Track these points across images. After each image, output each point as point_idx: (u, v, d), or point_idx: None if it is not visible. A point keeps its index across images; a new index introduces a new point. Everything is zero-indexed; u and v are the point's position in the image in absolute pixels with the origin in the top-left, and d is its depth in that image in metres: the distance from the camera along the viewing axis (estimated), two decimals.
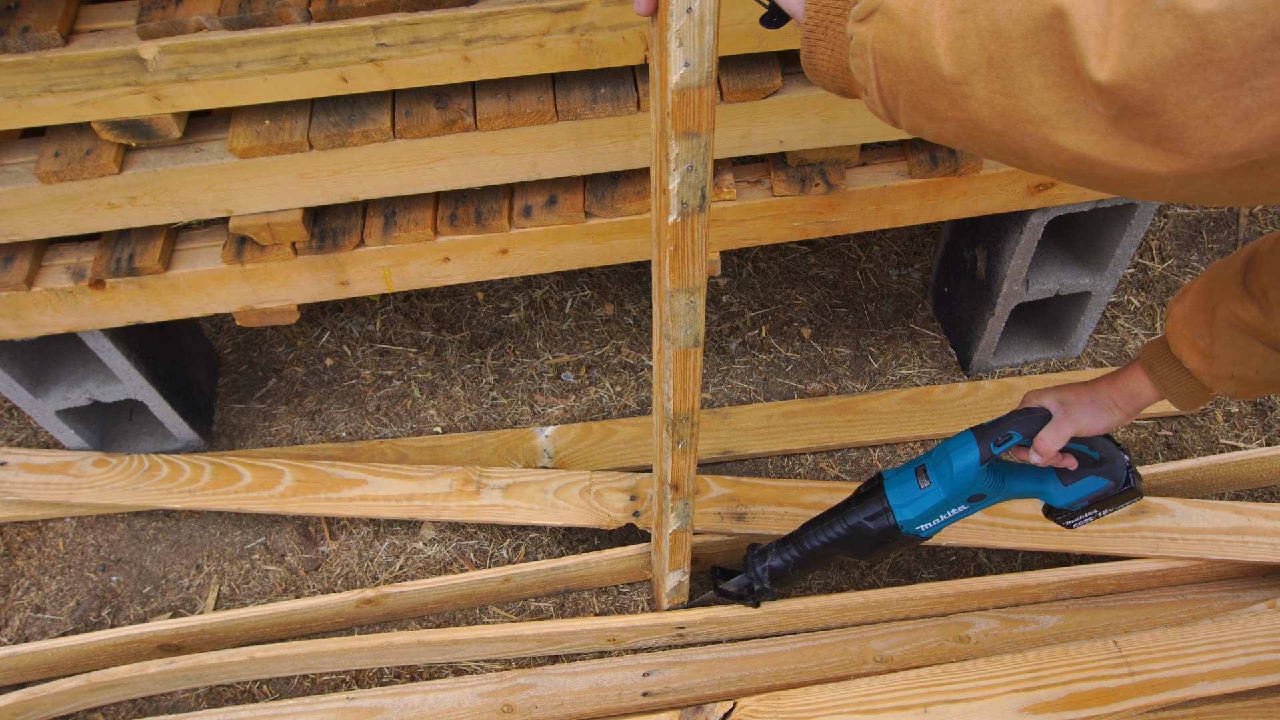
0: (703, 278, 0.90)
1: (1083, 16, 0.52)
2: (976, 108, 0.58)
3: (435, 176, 1.30)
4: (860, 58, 0.64)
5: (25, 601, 1.64)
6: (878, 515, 1.14)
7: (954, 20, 0.57)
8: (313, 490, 1.61)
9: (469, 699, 1.42)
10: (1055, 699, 1.22)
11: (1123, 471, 1.06)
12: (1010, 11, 0.55)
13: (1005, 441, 1.05)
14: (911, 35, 0.59)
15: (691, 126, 0.77)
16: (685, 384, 1.02)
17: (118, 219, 1.30)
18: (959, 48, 0.57)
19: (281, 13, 1.11)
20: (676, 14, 0.70)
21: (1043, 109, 0.55)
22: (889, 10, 0.61)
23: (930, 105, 0.61)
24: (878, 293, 2.00)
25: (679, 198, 0.81)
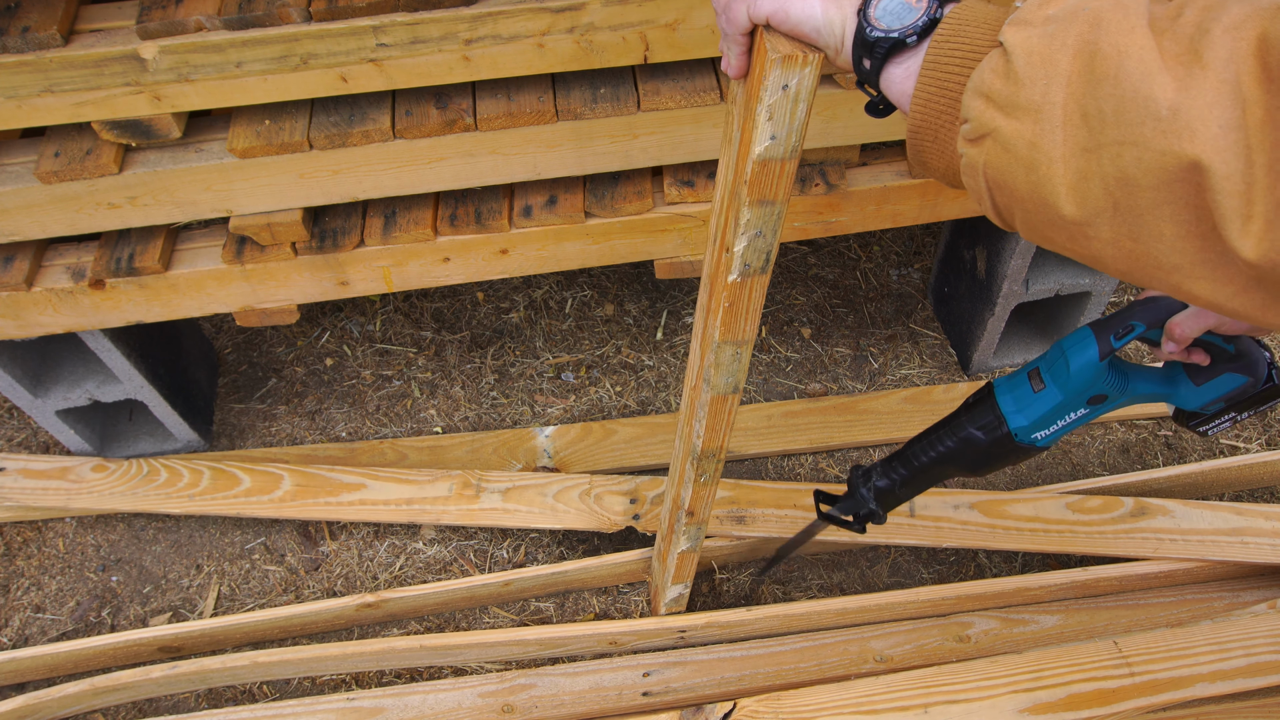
0: (753, 331, 0.89)
1: (1224, 174, 0.47)
2: (1099, 248, 0.55)
3: (435, 176, 1.30)
4: (972, 178, 0.60)
5: (25, 601, 1.64)
6: (989, 424, 1.04)
7: (1077, 159, 0.53)
8: (312, 494, 1.61)
9: (469, 699, 1.42)
10: (1056, 699, 1.22)
11: (1264, 368, 0.97)
12: (1139, 160, 0.50)
13: (1127, 333, 0.96)
14: (1029, 169, 0.55)
15: (768, 195, 0.75)
16: (718, 425, 1.02)
17: (118, 219, 1.30)
18: (1082, 189, 0.53)
19: (281, 13, 1.11)
20: (771, 89, 0.67)
21: (1175, 258, 0.51)
22: (1004, 139, 0.56)
23: (1048, 235, 0.58)
24: (878, 293, 2.00)
25: (743, 259, 0.80)
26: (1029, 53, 0.55)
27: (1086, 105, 0.52)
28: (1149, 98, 0.49)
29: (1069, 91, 0.53)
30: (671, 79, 1.28)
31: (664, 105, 1.26)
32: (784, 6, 0.67)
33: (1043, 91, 0.54)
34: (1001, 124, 0.56)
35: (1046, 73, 0.54)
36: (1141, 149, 0.50)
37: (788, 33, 0.68)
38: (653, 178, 1.43)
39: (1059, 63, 0.53)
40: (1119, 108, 0.50)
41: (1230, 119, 0.47)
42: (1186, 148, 0.48)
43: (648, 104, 1.26)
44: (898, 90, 0.65)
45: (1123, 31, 0.52)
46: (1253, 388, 0.97)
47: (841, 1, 0.66)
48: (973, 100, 0.58)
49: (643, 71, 1.29)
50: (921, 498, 1.55)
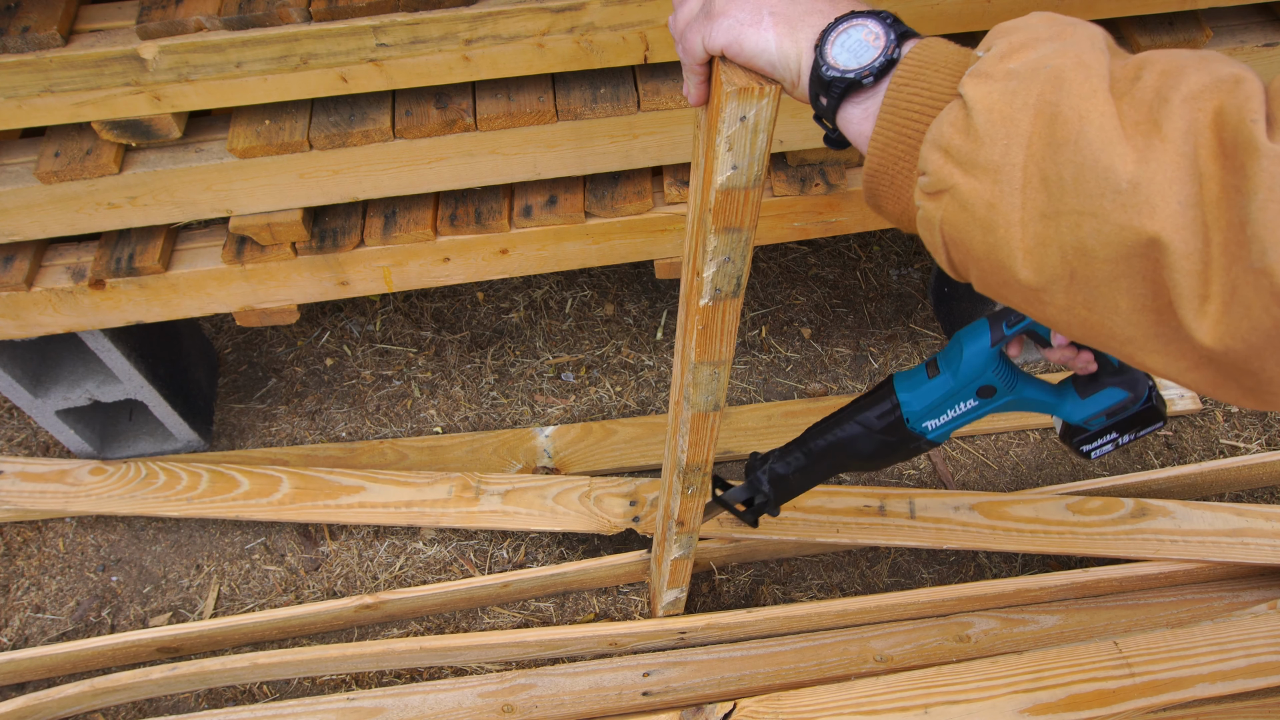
0: (729, 351, 0.88)
1: (1182, 253, 0.47)
2: (1054, 314, 0.54)
3: (435, 176, 1.30)
4: (928, 232, 0.58)
5: (25, 601, 1.64)
6: (885, 410, 1.08)
7: (1036, 224, 0.52)
8: (311, 497, 1.61)
9: (469, 699, 1.42)
10: (1056, 700, 1.22)
11: (1144, 387, 1.02)
12: (1098, 232, 0.49)
13: (1019, 322, 1.00)
14: (987, 230, 0.53)
15: (733, 223, 0.73)
16: (701, 441, 1.02)
17: (118, 219, 1.30)
18: (1039, 255, 0.52)
19: (281, 13, 1.11)
20: (729, 120, 0.66)
21: (1129, 330, 0.51)
22: (962, 197, 0.54)
23: (1003, 295, 0.57)
24: (878, 293, 2.00)
25: (713, 284, 0.79)
26: (989, 109, 0.53)
27: (1046, 170, 0.51)
28: (1109, 169, 0.49)
29: (1029, 154, 0.51)
30: (672, 79, 1.28)
31: (664, 105, 1.26)
32: (738, 38, 0.64)
33: (1003, 151, 0.52)
34: (960, 181, 0.54)
35: (1007, 132, 0.52)
36: (1100, 221, 0.49)
37: (743, 64, 0.66)
38: (653, 178, 1.43)
39: (1019, 122, 0.52)
40: (1078, 176, 0.49)
41: (1188, 195, 0.47)
42: (1146, 224, 0.47)
43: (648, 104, 1.26)
44: (855, 130, 0.63)
45: (1084, 95, 0.51)
46: (1132, 403, 1.02)
47: (797, 35, 0.63)
48: (931, 153, 0.56)
49: (643, 71, 1.29)
50: (922, 499, 1.55)
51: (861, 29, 0.61)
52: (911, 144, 0.59)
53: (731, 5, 0.65)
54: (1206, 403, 1.81)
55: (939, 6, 1.19)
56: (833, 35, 0.61)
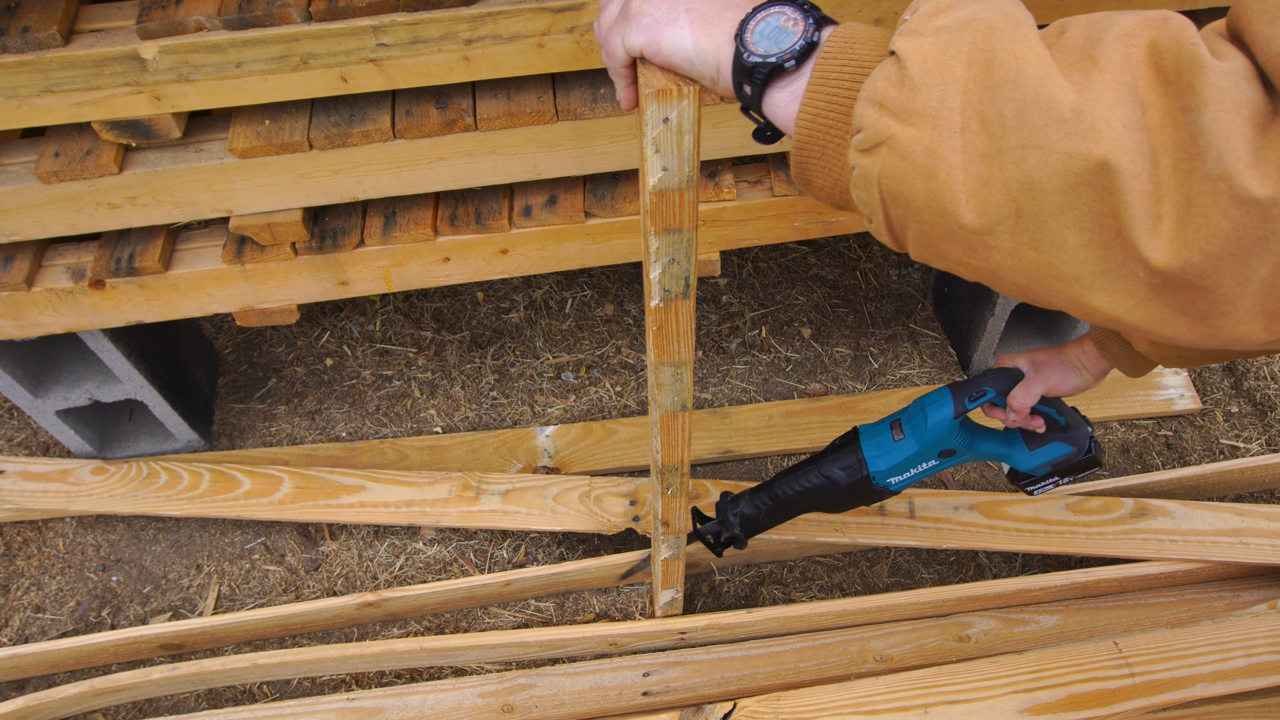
0: (688, 353, 0.88)
1: (1131, 174, 0.46)
2: (999, 259, 0.53)
3: (435, 176, 1.30)
4: (864, 190, 0.57)
5: (25, 601, 1.64)
6: (851, 466, 1.14)
7: (977, 165, 0.51)
8: (311, 497, 1.61)
9: (469, 699, 1.42)
10: (1056, 700, 1.22)
11: (1086, 440, 1.10)
12: (1044, 162, 0.49)
13: (980, 397, 1.07)
14: (927, 176, 0.53)
15: (672, 224, 0.72)
16: (673, 442, 1.02)
17: (118, 219, 1.30)
18: (983, 195, 0.51)
19: (281, 13, 1.11)
20: (652, 123, 0.65)
21: (1075, 267, 0.50)
22: (900, 146, 0.53)
23: (942, 248, 0.56)
24: (878, 293, 2.00)
25: (661, 285, 0.79)
26: (923, 59, 0.53)
27: (986, 110, 0.51)
28: (1051, 99, 0.49)
29: (966, 98, 0.51)
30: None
31: None
32: (655, 39, 0.64)
33: (939, 97, 0.52)
34: (897, 130, 0.53)
35: (943, 79, 0.52)
36: (1046, 151, 0.48)
37: (661, 65, 0.65)
38: None
39: (954, 69, 0.52)
40: (1020, 111, 0.49)
41: (1132, 119, 0.47)
42: (1093, 148, 0.47)
43: None
44: (783, 113, 0.63)
45: (1016, 39, 0.51)
46: (1075, 457, 1.11)
47: (714, 31, 0.63)
48: (866, 109, 0.55)
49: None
50: (922, 499, 1.55)
51: (779, 15, 0.62)
52: (842, 110, 0.58)
53: (648, 4, 0.65)
54: (1206, 403, 1.81)
55: None
56: (751, 24, 0.62)
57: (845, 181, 0.60)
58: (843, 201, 0.62)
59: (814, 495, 1.19)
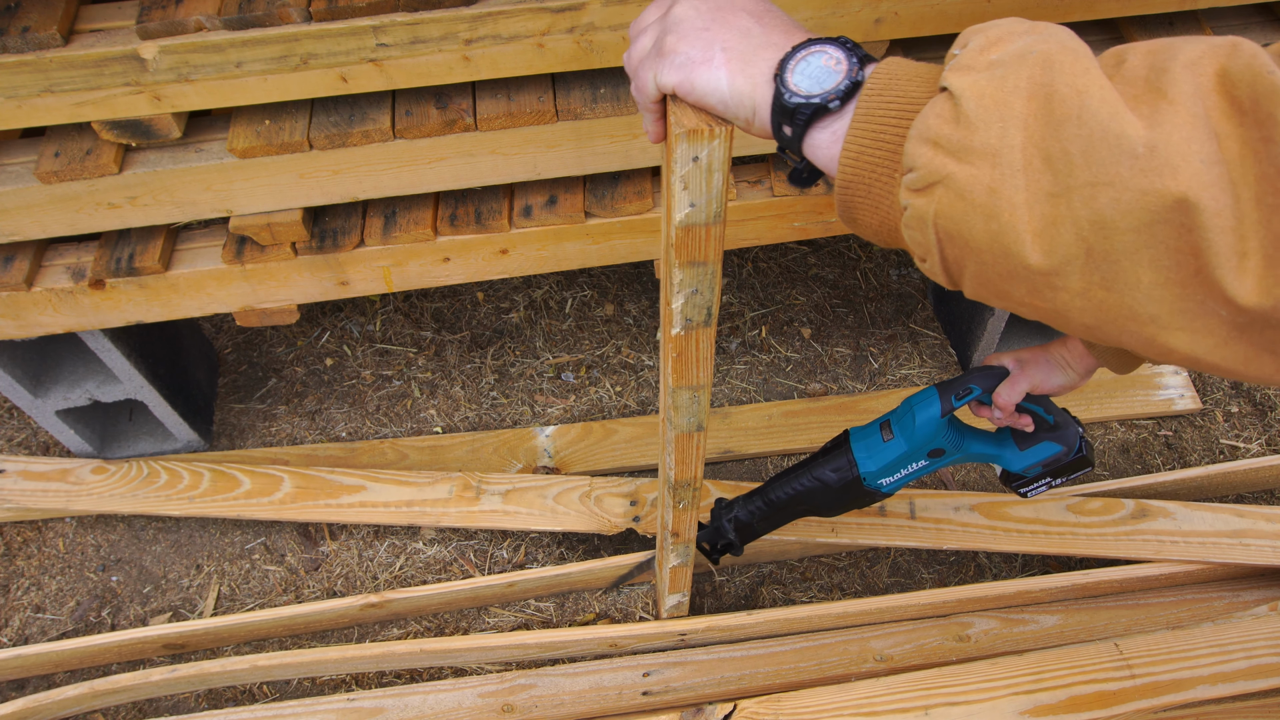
0: (707, 376, 0.88)
1: (1213, 211, 0.44)
2: (1067, 299, 0.51)
3: (435, 176, 1.30)
4: (918, 230, 0.55)
5: (25, 601, 1.64)
6: (842, 468, 1.14)
7: (1043, 205, 0.49)
8: (312, 496, 1.61)
9: (469, 699, 1.42)
10: (1056, 701, 1.22)
11: (1075, 439, 1.11)
12: (1117, 200, 0.47)
13: (966, 395, 1.07)
14: (989, 217, 0.50)
15: (697, 258, 0.72)
16: (687, 460, 1.02)
17: (118, 219, 1.30)
18: (1050, 235, 0.49)
19: (281, 13, 1.11)
20: (682, 161, 0.63)
21: (1152, 307, 0.48)
22: (958, 186, 0.51)
23: (1003, 289, 0.54)
24: (878, 293, 2.00)
25: (683, 315, 0.78)
26: (979, 95, 0.51)
27: (1050, 148, 0.49)
28: (1120, 135, 0.47)
29: (1028, 135, 0.49)
30: None
31: None
32: (689, 77, 0.62)
33: (999, 135, 0.50)
34: (954, 170, 0.51)
35: (1001, 115, 0.50)
36: (1119, 189, 0.47)
37: (694, 104, 0.64)
38: (653, 178, 1.43)
39: (1013, 105, 0.50)
40: (1087, 148, 0.48)
41: (1210, 153, 0.45)
42: (1170, 185, 0.45)
43: None
44: (825, 154, 0.61)
45: (1077, 73, 0.50)
46: (1066, 456, 1.11)
47: (751, 71, 0.61)
48: (918, 148, 0.53)
49: None
50: (922, 499, 1.55)
51: (822, 55, 0.60)
52: (890, 149, 0.57)
53: (683, 42, 0.63)
54: (1206, 403, 1.80)
55: (939, 6, 1.19)
56: (792, 63, 0.60)
57: (895, 220, 0.58)
58: (892, 240, 0.60)
59: (807, 498, 1.19)
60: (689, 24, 0.63)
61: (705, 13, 0.64)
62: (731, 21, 0.63)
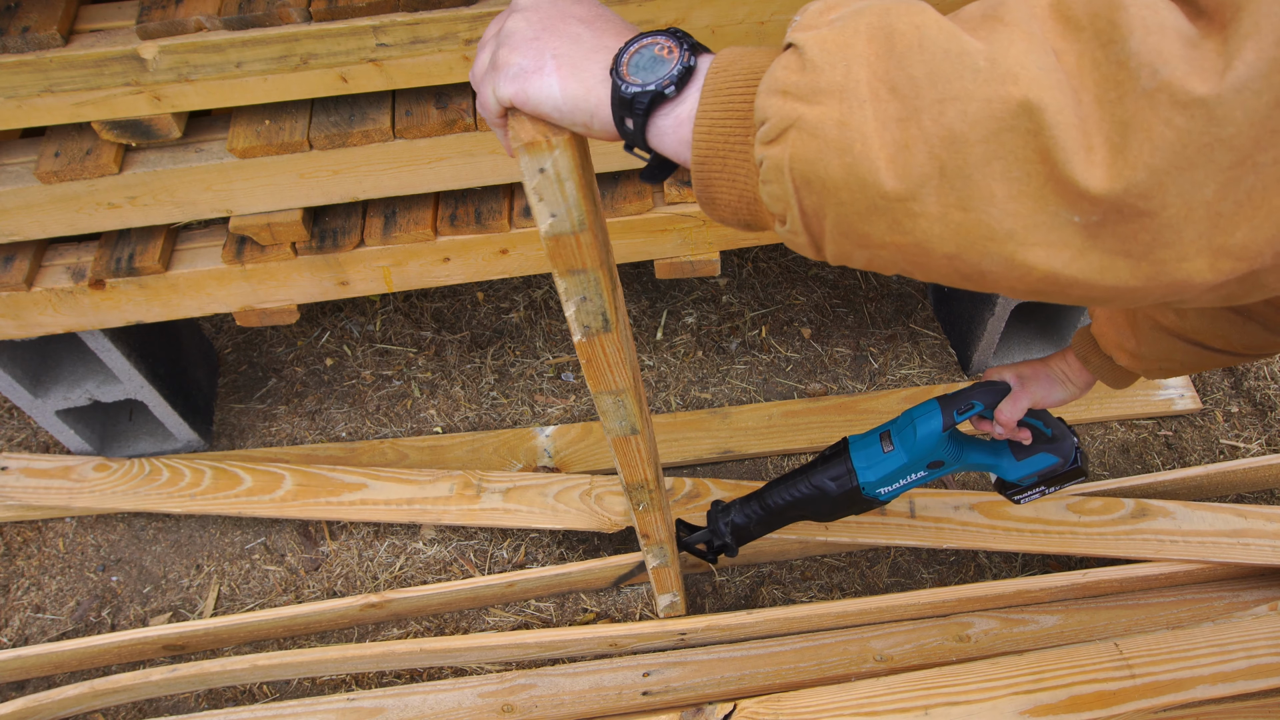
0: (626, 380, 0.86)
1: (1056, 109, 0.46)
2: (926, 226, 0.51)
3: (435, 176, 1.30)
4: (775, 183, 0.55)
5: (25, 601, 1.64)
6: (841, 476, 1.15)
7: (893, 129, 0.50)
8: (313, 494, 1.61)
9: (469, 699, 1.42)
10: (1056, 701, 1.22)
11: (1072, 451, 1.12)
12: (964, 113, 0.48)
13: (968, 410, 1.07)
14: (842, 150, 0.51)
15: (574, 265, 0.70)
16: (631, 463, 1.00)
17: (118, 219, 1.30)
18: (903, 159, 0.50)
19: (281, 13, 1.11)
20: (529, 173, 0.62)
21: (1007, 222, 0.49)
22: (809, 126, 0.52)
23: (864, 231, 0.53)
24: (878, 293, 2.00)
25: (579, 322, 0.77)
26: (822, 41, 0.52)
27: (894, 76, 0.50)
28: (962, 53, 0.48)
29: (871, 69, 0.50)
30: None
31: None
32: (523, 88, 0.62)
33: (844, 73, 0.51)
34: (804, 111, 0.52)
35: (845, 57, 0.51)
36: (965, 101, 0.48)
37: (530, 114, 0.63)
38: None
39: (855, 46, 0.51)
40: (931, 70, 0.49)
41: (1047, 63, 0.47)
42: (1012, 90, 0.47)
43: None
44: (672, 139, 0.61)
45: (913, 13, 0.51)
46: (1062, 467, 1.12)
47: (583, 75, 0.62)
48: (768, 100, 0.54)
49: None
50: (922, 499, 1.55)
51: (653, 46, 0.61)
52: (740, 115, 0.57)
53: (515, 53, 0.63)
54: (1206, 403, 1.80)
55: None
56: (625, 57, 0.61)
57: (753, 187, 0.58)
58: (750, 214, 0.60)
59: (804, 505, 1.20)
60: (520, 35, 0.64)
61: (536, 23, 0.64)
62: (562, 29, 0.64)
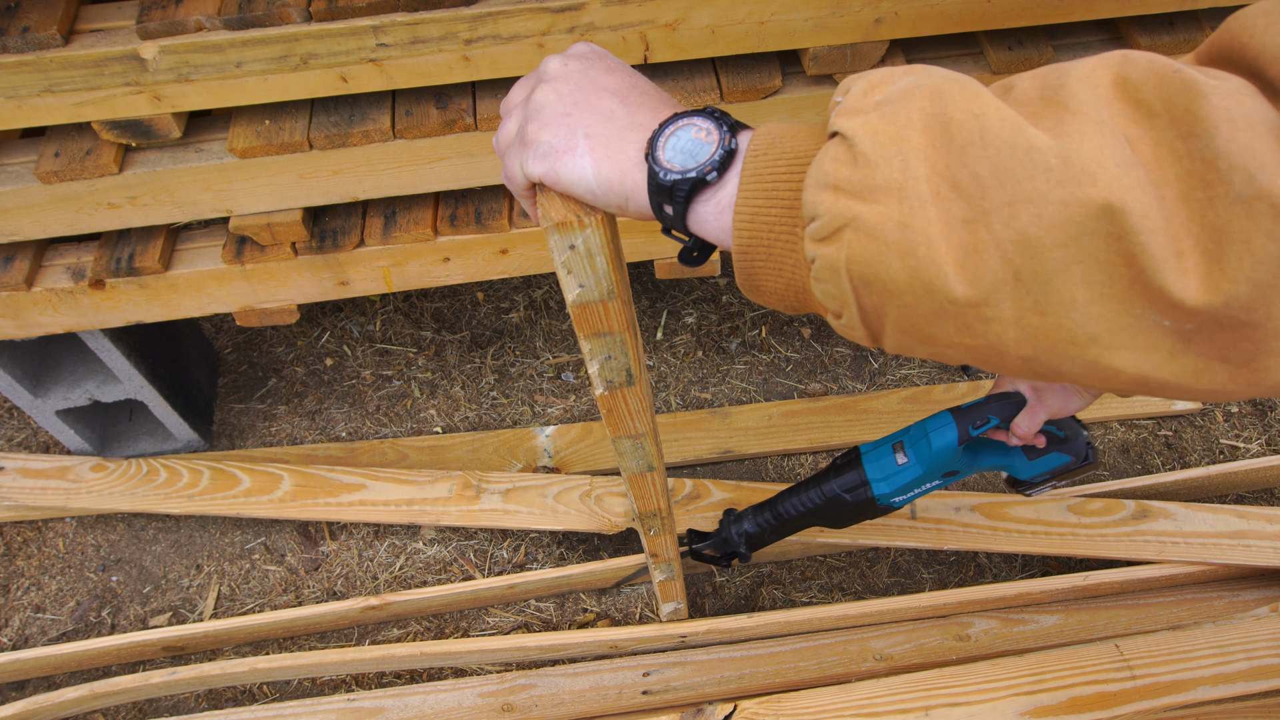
0: (645, 425, 0.86)
1: (1141, 213, 0.42)
2: (1000, 330, 0.47)
3: (435, 176, 1.30)
4: (830, 282, 0.51)
5: (25, 601, 1.64)
6: (856, 488, 1.15)
7: (960, 233, 0.46)
8: (311, 495, 1.61)
9: (469, 699, 1.42)
10: (1057, 702, 1.22)
11: (1084, 448, 1.12)
12: (1039, 216, 0.44)
13: (984, 425, 1.07)
14: (905, 254, 0.47)
15: (600, 329, 0.70)
16: (645, 495, 1.02)
17: (118, 219, 1.30)
18: (973, 264, 0.46)
19: (281, 13, 1.10)
20: (558, 249, 0.61)
21: (1091, 327, 0.45)
22: (867, 226, 0.48)
23: (929, 331, 0.50)
24: None
25: (603, 378, 0.77)
26: (873, 133, 0.48)
27: (956, 174, 0.46)
28: (1030, 149, 0.44)
29: (930, 165, 0.46)
30: (671, 78, 1.28)
31: None
32: (554, 168, 0.59)
33: (901, 168, 0.47)
34: (861, 210, 0.48)
35: (900, 150, 0.47)
36: (1039, 205, 0.44)
37: (561, 193, 0.61)
38: None
39: (909, 138, 0.47)
40: (997, 168, 0.45)
41: (1125, 158, 0.43)
42: (1091, 193, 0.43)
43: None
44: (714, 226, 0.57)
45: (968, 98, 0.47)
46: (1074, 464, 1.13)
47: (618, 157, 0.58)
48: (818, 195, 0.50)
49: (643, 71, 1.29)
50: (922, 500, 1.55)
51: (690, 128, 0.57)
52: (786, 204, 0.53)
53: (545, 130, 0.60)
54: (1206, 403, 1.80)
55: (939, 6, 1.19)
56: (661, 140, 0.58)
57: (802, 279, 0.55)
58: (799, 302, 0.57)
59: (818, 514, 1.20)
60: (550, 110, 0.60)
61: (567, 96, 0.61)
62: (595, 104, 0.60)
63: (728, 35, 1.18)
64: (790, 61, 1.30)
